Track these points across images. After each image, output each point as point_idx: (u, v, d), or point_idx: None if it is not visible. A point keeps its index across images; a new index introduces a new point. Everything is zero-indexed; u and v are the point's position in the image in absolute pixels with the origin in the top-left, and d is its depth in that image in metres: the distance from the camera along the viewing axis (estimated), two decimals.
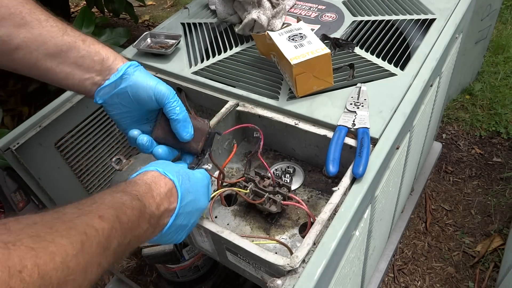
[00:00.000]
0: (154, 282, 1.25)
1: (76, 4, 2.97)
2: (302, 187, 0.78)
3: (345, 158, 0.68)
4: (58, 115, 0.84)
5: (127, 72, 0.58)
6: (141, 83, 0.58)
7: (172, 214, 0.52)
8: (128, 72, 0.58)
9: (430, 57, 0.81)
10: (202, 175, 0.59)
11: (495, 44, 2.03)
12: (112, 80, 0.58)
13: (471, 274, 1.27)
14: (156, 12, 2.90)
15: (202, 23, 1.03)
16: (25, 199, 1.21)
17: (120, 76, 0.58)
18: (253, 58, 0.87)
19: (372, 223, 0.74)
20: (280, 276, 0.53)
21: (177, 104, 0.59)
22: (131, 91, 0.59)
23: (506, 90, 1.82)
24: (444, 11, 0.91)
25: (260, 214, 0.73)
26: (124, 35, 1.60)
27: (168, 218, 0.52)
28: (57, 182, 0.88)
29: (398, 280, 1.29)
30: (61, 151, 0.88)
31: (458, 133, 1.70)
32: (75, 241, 0.35)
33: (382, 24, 0.90)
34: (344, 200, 0.59)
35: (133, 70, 0.59)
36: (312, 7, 1.01)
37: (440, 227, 1.40)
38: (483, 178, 1.53)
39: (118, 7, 1.96)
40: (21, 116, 1.71)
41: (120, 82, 0.58)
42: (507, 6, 2.29)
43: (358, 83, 0.76)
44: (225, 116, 0.77)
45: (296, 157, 0.83)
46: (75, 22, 1.53)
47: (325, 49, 0.71)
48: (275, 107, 0.76)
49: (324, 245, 0.54)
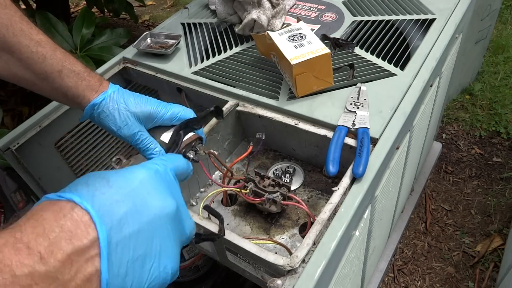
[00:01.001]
0: None
1: (76, 4, 2.97)
2: (302, 187, 0.78)
3: (345, 158, 0.68)
4: (58, 115, 0.84)
5: (92, 113, 0.60)
6: (105, 126, 0.60)
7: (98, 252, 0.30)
8: (93, 113, 0.60)
9: (430, 57, 0.81)
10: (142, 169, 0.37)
11: (495, 44, 2.03)
12: (83, 119, 0.62)
13: (471, 274, 1.27)
14: (156, 12, 2.90)
15: (202, 23, 1.03)
16: (25, 199, 1.21)
17: (88, 117, 0.61)
18: (253, 58, 0.87)
19: (372, 223, 0.74)
20: (280, 276, 0.53)
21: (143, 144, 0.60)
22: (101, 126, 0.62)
23: (506, 90, 1.82)
24: (444, 11, 0.91)
25: (260, 214, 0.73)
26: (124, 35, 1.60)
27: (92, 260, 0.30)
28: (57, 182, 0.88)
29: (398, 280, 1.29)
30: (61, 151, 0.88)
31: (458, 133, 1.70)
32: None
33: (382, 24, 0.90)
34: (344, 200, 0.59)
35: (96, 112, 0.60)
36: (312, 7, 1.01)
37: (440, 227, 1.40)
38: (483, 178, 1.53)
39: (118, 7, 1.96)
40: (21, 116, 1.71)
41: (92, 119, 0.61)
42: (507, 6, 2.29)
43: (358, 83, 0.76)
44: (225, 116, 0.77)
45: (296, 157, 0.83)
46: (75, 22, 1.53)
47: (325, 49, 0.71)
48: (275, 107, 0.76)
49: (324, 245, 0.54)
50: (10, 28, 0.54)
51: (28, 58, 0.56)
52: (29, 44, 0.56)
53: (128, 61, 0.95)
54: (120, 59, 0.96)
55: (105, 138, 0.97)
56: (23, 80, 0.58)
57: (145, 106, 0.60)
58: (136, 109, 0.60)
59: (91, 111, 0.60)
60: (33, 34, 0.56)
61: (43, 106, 0.85)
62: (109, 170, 0.36)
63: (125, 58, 0.95)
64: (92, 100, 0.59)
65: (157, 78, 0.90)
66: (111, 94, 0.60)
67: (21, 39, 0.55)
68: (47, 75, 0.57)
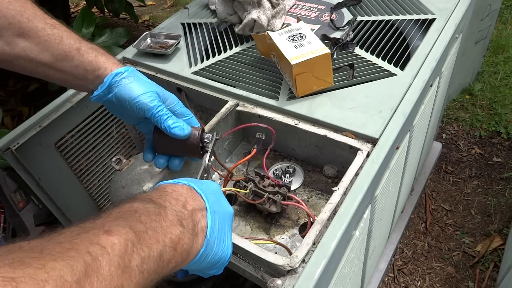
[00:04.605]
0: None
1: (76, 4, 2.97)
2: (302, 187, 0.78)
3: (345, 158, 0.68)
4: (58, 115, 0.84)
5: (113, 82, 0.59)
6: (123, 96, 0.59)
7: (206, 213, 0.45)
8: (114, 83, 0.59)
9: (430, 57, 0.81)
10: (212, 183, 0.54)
11: (495, 44, 2.03)
12: (100, 91, 0.59)
13: (471, 274, 1.27)
14: (156, 12, 2.90)
15: (202, 23, 1.03)
16: (25, 199, 1.21)
17: (106, 87, 0.59)
18: (253, 58, 0.87)
19: (372, 223, 0.74)
20: (280, 276, 0.53)
21: (162, 113, 0.59)
22: (116, 101, 0.60)
23: (506, 90, 1.82)
24: (444, 11, 0.91)
25: (260, 214, 0.73)
26: (124, 35, 1.60)
27: (204, 218, 0.44)
28: (57, 182, 0.88)
29: (398, 280, 1.29)
30: (61, 151, 0.88)
31: (458, 133, 1.70)
32: (75, 263, 0.28)
33: (382, 24, 0.90)
34: (344, 200, 0.59)
35: (119, 79, 0.59)
36: (312, 7, 1.01)
37: (440, 227, 1.40)
38: (483, 178, 1.53)
39: (118, 7, 1.96)
40: (21, 116, 1.71)
41: (108, 92, 0.60)
42: (507, 6, 2.29)
43: None
44: (225, 116, 0.77)
45: (296, 157, 0.83)
46: (75, 22, 1.53)
47: (325, 49, 0.71)
48: (275, 107, 0.76)
49: (324, 245, 0.54)
50: (24, 14, 0.55)
51: (46, 41, 0.56)
52: (45, 27, 0.57)
53: (128, 61, 0.95)
54: (120, 59, 0.95)
55: (105, 138, 0.97)
56: (40, 65, 0.58)
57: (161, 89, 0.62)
58: (157, 88, 0.61)
59: (112, 80, 0.59)
60: (47, 18, 0.58)
61: (43, 106, 0.85)
62: None
63: (125, 58, 0.95)
64: (115, 69, 0.59)
65: (157, 78, 0.90)
66: (132, 70, 0.61)
67: (36, 23, 0.56)
68: (66, 54, 0.57)
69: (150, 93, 0.59)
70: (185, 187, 0.47)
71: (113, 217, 0.35)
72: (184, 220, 0.41)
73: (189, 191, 0.46)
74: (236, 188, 0.72)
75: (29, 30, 0.55)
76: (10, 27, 0.54)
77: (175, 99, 0.64)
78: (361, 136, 0.68)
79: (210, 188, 0.50)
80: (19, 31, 0.55)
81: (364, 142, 0.67)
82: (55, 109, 0.85)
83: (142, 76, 0.62)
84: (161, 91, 0.62)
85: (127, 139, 1.03)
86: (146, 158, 0.64)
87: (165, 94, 0.62)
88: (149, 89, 0.59)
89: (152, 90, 0.59)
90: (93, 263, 0.29)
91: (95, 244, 0.31)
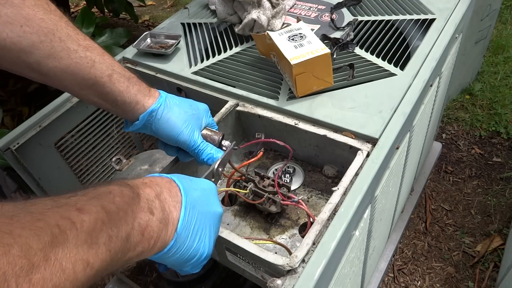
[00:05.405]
0: (154, 282, 1.25)
1: (76, 4, 2.97)
2: (302, 187, 0.78)
3: (345, 158, 0.68)
4: (58, 115, 0.85)
5: (149, 119, 0.60)
6: (160, 133, 0.61)
7: (180, 206, 0.46)
8: (149, 119, 0.60)
9: (430, 57, 0.81)
10: (207, 182, 0.55)
11: (495, 44, 2.03)
12: (135, 128, 0.61)
13: (471, 274, 1.27)
14: (156, 12, 2.90)
15: (202, 23, 1.03)
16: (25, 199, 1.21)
17: (142, 125, 0.60)
18: (253, 58, 0.87)
19: (372, 223, 0.74)
20: (280, 276, 0.53)
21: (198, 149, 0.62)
22: (155, 134, 0.62)
23: (506, 90, 1.82)
24: (444, 11, 0.91)
25: (260, 214, 0.73)
26: (124, 35, 1.60)
27: (176, 210, 0.45)
28: (57, 182, 0.88)
29: (398, 280, 1.29)
30: (61, 151, 0.88)
31: (458, 133, 1.70)
32: (42, 233, 0.29)
33: (382, 24, 0.90)
34: (344, 200, 0.59)
35: (154, 115, 0.60)
36: (312, 7, 1.01)
37: (440, 227, 1.40)
38: (483, 178, 1.53)
39: (118, 7, 1.96)
40: (21, 116, 1.71)
41: (143, 127, 0.61)
42: (507, 6, 2.29)
43: None
44: (225, 116, 0.77)
45: (296, 157, 0.83)
46: (75, 22, 1.53)
47: (325, 49, 0.71)
48: (275, 107, 0.76)
49: (323, 245, 0.54)
50: (56, 33, 0.52)
51: (77, 64, 0.54)
52: (77, 49, 0.54)
53: (128, 61, 0.95)
54: (120, 59, 0.95)
55: (105, 138, 0.97)
56: (68, 89, 0.57)
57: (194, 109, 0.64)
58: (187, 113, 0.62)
59: (148, 118, 0.59)
60: (80, 39, 0.55)
61: (43, 106, 0.85)
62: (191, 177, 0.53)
63: (125, 58, 0.95)
64: (150, 106, 0.59)
65: (157, 78, 0.90)
66: (166, 99, 0.61)
67: (68, 44, 0.53)
68: (96, 80, 0.55)
69: (187, 129, 0.61)
70: (166, 179, 0.47)
71: (88, 197, 0.36)
72: (155, 209, 0.42)
73: (168, 183, 0.47)
74: (236, 188, 0.72)
75: (60, 51, 0.53)
76: (41, 46, 0.51)
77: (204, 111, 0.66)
78: (361, 136, 0.68)
79: (198, 185, 0.51)
80: (51, 51, 0.52)
81: (364, 142, 0.67)
82: (55, 109, 0.85)
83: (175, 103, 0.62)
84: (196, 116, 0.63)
85: (127, 139, 1.03)
86: (160, 147, 0.66)
87: (199, 114, 0.64)
88: (186, 123, 0.61)
89: (188, 126, 0.61)
90: (60, 236, 0.30)
91: (66, 218, 0.32)
